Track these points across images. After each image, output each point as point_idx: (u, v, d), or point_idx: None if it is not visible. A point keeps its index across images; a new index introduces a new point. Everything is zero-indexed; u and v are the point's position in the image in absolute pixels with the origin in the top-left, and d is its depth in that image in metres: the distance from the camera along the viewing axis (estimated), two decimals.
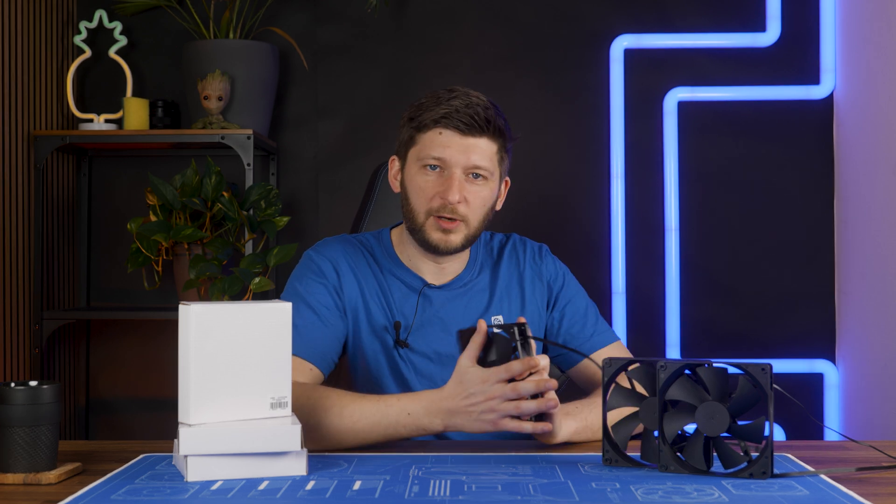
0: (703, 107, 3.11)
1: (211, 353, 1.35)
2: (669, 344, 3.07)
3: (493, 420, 1.46)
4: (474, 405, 1.46)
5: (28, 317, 2.82)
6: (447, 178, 1.67)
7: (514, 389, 1.44)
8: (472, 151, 1.67)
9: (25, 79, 2.83)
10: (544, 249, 1.87)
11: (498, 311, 1.79)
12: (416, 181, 1.70)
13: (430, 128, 1.68)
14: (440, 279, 1.77)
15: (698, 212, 3.10)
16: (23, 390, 1.31)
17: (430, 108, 1.68)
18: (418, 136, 1.70)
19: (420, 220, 1.69)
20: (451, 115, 1.66)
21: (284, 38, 3.08)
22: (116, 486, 1.29)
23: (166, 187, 2.78)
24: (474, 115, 1.66)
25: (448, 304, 1.76)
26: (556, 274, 1.85)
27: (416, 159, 1.70)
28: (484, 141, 1.68)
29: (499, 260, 1.83)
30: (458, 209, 1.67)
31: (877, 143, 2.78)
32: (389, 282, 1.76)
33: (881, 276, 2.74)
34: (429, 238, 1.69)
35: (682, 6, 3.11)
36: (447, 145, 1.66)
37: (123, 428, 3.16)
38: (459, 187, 1.66)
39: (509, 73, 3.12)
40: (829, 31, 3.05)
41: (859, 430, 2.88)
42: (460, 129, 1.66)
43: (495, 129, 1.68)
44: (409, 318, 1.74)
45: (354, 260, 1.76)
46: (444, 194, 1.66)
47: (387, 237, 1.81)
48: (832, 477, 1.34)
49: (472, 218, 1.70)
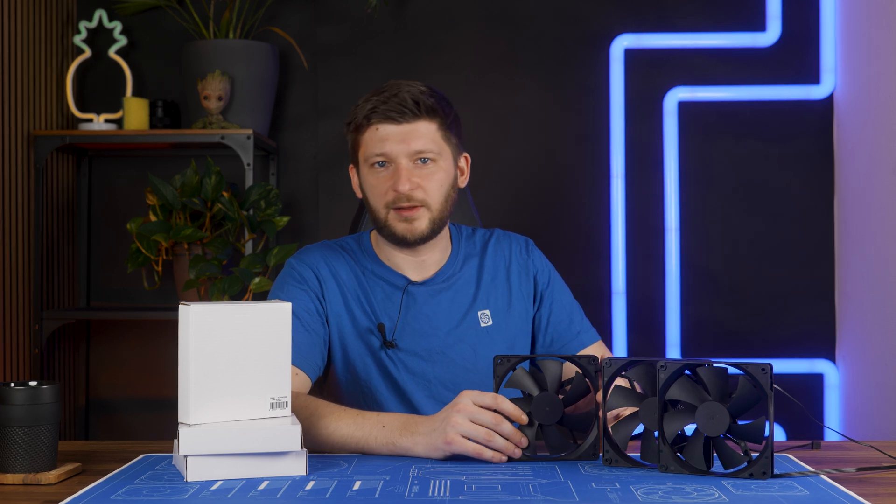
0: (703, 107, 3.11)
1: (211, 353, 1.35)
2: (669, 344, 3.07)
3: (446, 435, 1.40)
4: (440, 417, 1.43)
5: (28, 317, 2.82)
6: (394, 170, 1.68)
7: (494, 418, 1.40)
8: (410, 138, 1.68)
9: (25, 79, 2.83)
10: (530, 244, 1.87)
11: (484, 304, 1.78)
12: (369, 181, 1.72)
13: (365, 126, 1.70)
14: (422, 274, 1.77)
15: (698, 212, 3.10)
16: (22, 390, 1.31)
17: (361, 108, 1.71)
18: (359, 138, 1.72)
19: (382, 217, 1.71)
20: (379, 108, 1.68)
21: (284, 38, 3.08)
22: (116, 486, 1.29)
23: (166, 187, 2.78)
24: (401, 102, 1.67)
25: (431, 299, 1.76)
26: (543, 269, 1.84)
27: (364, 161, 1.72)
28: (421, 124, 1.69)
29: (483, 253, 1.83)
30: (415, 195, 1.68)
31: (877, 143, 2.78)
32: (372, 283, 1.76)
33: (881, 277, 2.74)
34: (394, 231, 1.70)
35: (683, 6, 3.11)
36: (385, 139, 1.68)
37: (123, 428, 3.16)
38: (408, 175, 1.67)
39: (510, 73, 3.12)
40: (830, 32, 3.05)
41: (859, 430, 2.88)
42: (393, 119, 1.67)
43: (427, 108, 1.69)
44: (394, 318, 1.74)
45: (336, 265, 1.76)
46: (395, 186, 1.68)
47: (367, 239, 1.81)
48: (832, 477, 1.34)
49: (431, 200, 1.70)
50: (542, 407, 1.44)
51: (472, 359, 1.75)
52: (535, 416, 1.44)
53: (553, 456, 1.45)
